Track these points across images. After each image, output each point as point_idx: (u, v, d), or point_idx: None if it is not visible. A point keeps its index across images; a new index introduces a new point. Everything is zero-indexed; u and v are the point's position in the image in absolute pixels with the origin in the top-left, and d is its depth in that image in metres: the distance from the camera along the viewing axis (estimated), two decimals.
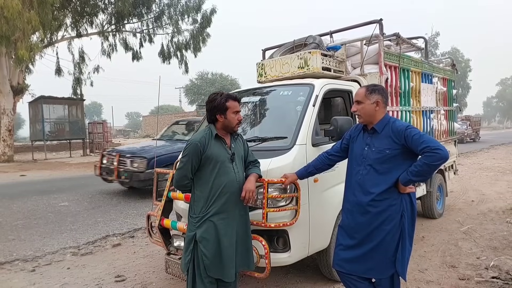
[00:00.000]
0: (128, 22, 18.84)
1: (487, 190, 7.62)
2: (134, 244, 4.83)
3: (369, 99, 2.32)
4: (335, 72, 3.96)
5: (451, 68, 6.24)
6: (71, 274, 3.85)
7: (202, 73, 44.82)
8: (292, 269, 3.61)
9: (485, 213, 5.71)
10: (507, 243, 4.25)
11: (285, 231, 2.79)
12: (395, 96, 4.26)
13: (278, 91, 3.69)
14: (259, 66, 4.35)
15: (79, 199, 8.02)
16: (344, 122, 2.91)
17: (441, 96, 5.64)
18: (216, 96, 2.44)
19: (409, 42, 5.12)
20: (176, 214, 3.71)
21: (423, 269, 3.60)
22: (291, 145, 2.95)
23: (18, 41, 10.99)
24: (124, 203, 7.36)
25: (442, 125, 5.57)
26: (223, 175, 2.35)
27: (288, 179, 2.66)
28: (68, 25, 17.67)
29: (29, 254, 4.47)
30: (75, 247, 4.71)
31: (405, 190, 2.22)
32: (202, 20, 19.20)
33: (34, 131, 20.41)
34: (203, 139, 2.36)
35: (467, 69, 49.81)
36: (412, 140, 2.14)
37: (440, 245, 4.30)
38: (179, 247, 3.07)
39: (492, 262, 3.66)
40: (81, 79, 19.80)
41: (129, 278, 3.67)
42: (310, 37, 4.24)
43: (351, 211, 2.36)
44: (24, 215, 6.54)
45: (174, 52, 19.88)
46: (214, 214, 2.33)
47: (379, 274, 2.27)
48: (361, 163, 2.32)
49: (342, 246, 2.37)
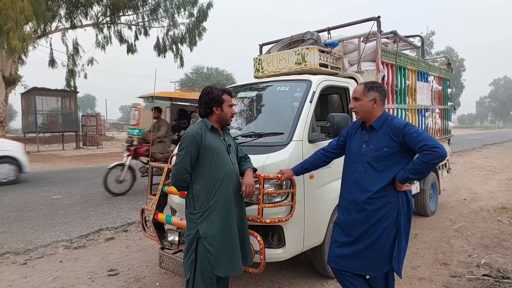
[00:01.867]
0: (124, 14, 18.62)
1: (479, 189, 7.70)
2: (128, 238, 4.81)
3: (367, 97, 2.31)
4: (332, 69, 3.96)
5: (447, 67, 6.27)
6: (63, 267, 3.82)
7: (198, 68, 44.55)
8: (286, 265, 3.62)
9: (477, 212, 5.78)
10: (498, 242, 4.30)
11: (280, 227, 2.79)
12: (391, 94, 4.27)
13: (275, 87, 3.67)
14: (256, 61, 4.33)
15: (71, 192, 7.95)
16: (340, 119, 2.91)
17: (436, 94, 5.67)
18: (212, 89, 2.43)
19: (406, 40, 5.13)
20: (171, 209, 3.70)
21: (415, 266, 3.64)
22: (288, 141, 2.95)
23: (11, 31, 10.81)
24: (118, 196, 7.31)
25: (437, 124, 5.60)
26: (222, 167, 2.32)
27: (284, 175, 2.65)
28: (62, 16, 17.41)
29: (21, 247, 4.42)
30: (67, 241, 4.68)
31: (402, 188, 2.22)
32: (199, 14, 19.05)
33: (26, 123, 20.18)
34: (200, 130, 2.33)
35: (461, 69, 50.21)
36: (410, 138, 2.14)
37: (432, 242, 4.34)
38: (173, 242, 3.06)
39: (483, 260, 3.71)
40: (75, 71, 19.57)
41: (122, 272, 3.65)
42: (308, 33, 4.22)
43: (348, 208, 2.36)
44: (15, 208, 6.47)
45: (170, 45, 19.72)
46: (216, 207, 2.28)
47: (374, 271, 2.28)
48: (358, 161, 2.32)
49: (337, 243, 2.38)
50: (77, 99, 20.98)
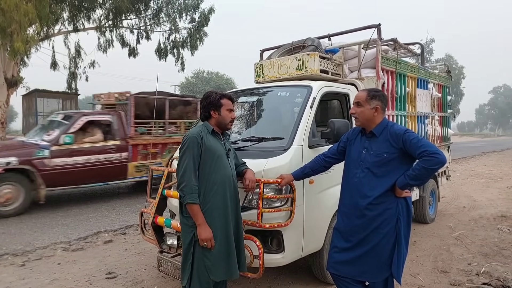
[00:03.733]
0: (126, 18, 18.72)
1: (479, 197, 7.69)
2: (126, 241, 4.80)
3: (369, 104, 2.32)
4: (333, 75, 3.98)
5: (446, 75, 6.30)
6: (62, 269, 3.81)
7: (198, 72, 44.67)
8: (285, 270, 3.61)
9: (476, 220, 5.77)
10: (497, 250, 4.29)
11: (279, 232, 2.78)
12: (391, 101, 4.28)
13: (275, 92, 3.69)
14: (257, 66, 4.35)
15: (70, 194, 7.94)
16: (341, 125, 2.93)
17: (436, 102, 5.70)
18: (211, 93, 2.48)
19: (406, 48, 5.16)
20: (170, 212, 3.69)
21: (415, 273, 3.62)
22: (288, 146, 2.95)
23: (14, 33, 10.85)
24: (117, 199, 7.31)
25: (436, 131, 5.62)
26: (220, 170, 2.32)
27: (284, 180, 2.66)
28: (65, 19, 17.50)
29: (19, 249, 4.41)
30: (66, 243, 4.67)
31: (401, 194, 2.23)
32: (200, 19, 19.18)
33: (27, 124, 20.12)
34: (200, 132, 2.34)
35: (460, 76, 50.32)
36: (410, 144, 2.15)
37: (432, 250, 4.33)
38: (172, 245, 3.05)
39: (483, 269, 3.69)
40: (76, 73, 19.63)
41: (120, 275, 3.64)
42: (309, 39, 4.26)
43: (348, 214, 2.36)
44: None
45: (171, 49, 19.81)
46: (212, 210, 2.27)
47: (373, 277, 2.27)
48: (358, 166, 2.33)
49: (337, 248, 2.38)
50: (77, 101, 20.99)
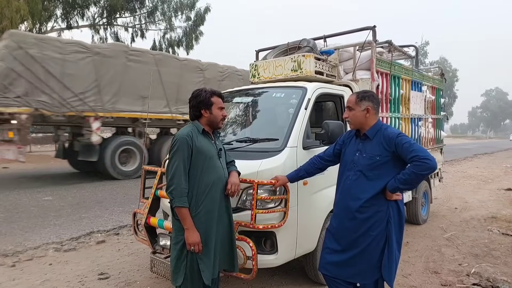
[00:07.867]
0: (121, 16, 18.64)
1: (470, 198, 7.78)
2: (119, 242, 4.76)
3: (360, 106, 2.33)
4: (328, 77, 3.99)
5: (440, 77, 6.36)
6: (53, 270, 3.77)
7: None
8: (278, 271, 3.62)
9: (468, 221, 5.83)
10: (488, 251, 4.35)
11: (273, 233, 2.78)
12: (385, 103, 4.31)
13: (270, 93, 3.69)
14: (252, 66, 4.35)
15: (63, 193, 7.87)
16: (335, 127, 2.93)
17: (429, 104, 5.74)
18: (200, 92, 2.39)
19: (401, 50, 5.20)
20: (163, 213, 3.68)
21: (406, 274, 3.65)
22: (282, 147, 2.96)
23: (5, 30, 10.75)
24: (110, 199, 7.26)
25: (430, 133, 5.67)
26: (212, 172, 2.28)
27: (279, 181, 2.66)
28: (59, 16, 17.37)
29: (10, 249, 4.36)
30: (58, 243, 4.62)
31: (392, 197, 2.24)
32: (196, 18, 19.16)
33: None
34: (190, 132, 2.26)
35: (454, 79, 50.85)
36: (402, 148, 2.17)
37: (423, 251, 4.36)
38: (165, 246, 3.04)
39: (473, 269, 3.74)
40: None
41: (113, 276, 3.61)
42: (304, 40, 4.27)
43: (340, 215, 2.37)
44: (5, 209, 6.39)
45: (166, 48, 19.77)
46: (205, 212, 2.25)
47: (363, 279, 2.29)
48: (351, 168, 2.34)
49: (328, 249, 2.39)
50: None
